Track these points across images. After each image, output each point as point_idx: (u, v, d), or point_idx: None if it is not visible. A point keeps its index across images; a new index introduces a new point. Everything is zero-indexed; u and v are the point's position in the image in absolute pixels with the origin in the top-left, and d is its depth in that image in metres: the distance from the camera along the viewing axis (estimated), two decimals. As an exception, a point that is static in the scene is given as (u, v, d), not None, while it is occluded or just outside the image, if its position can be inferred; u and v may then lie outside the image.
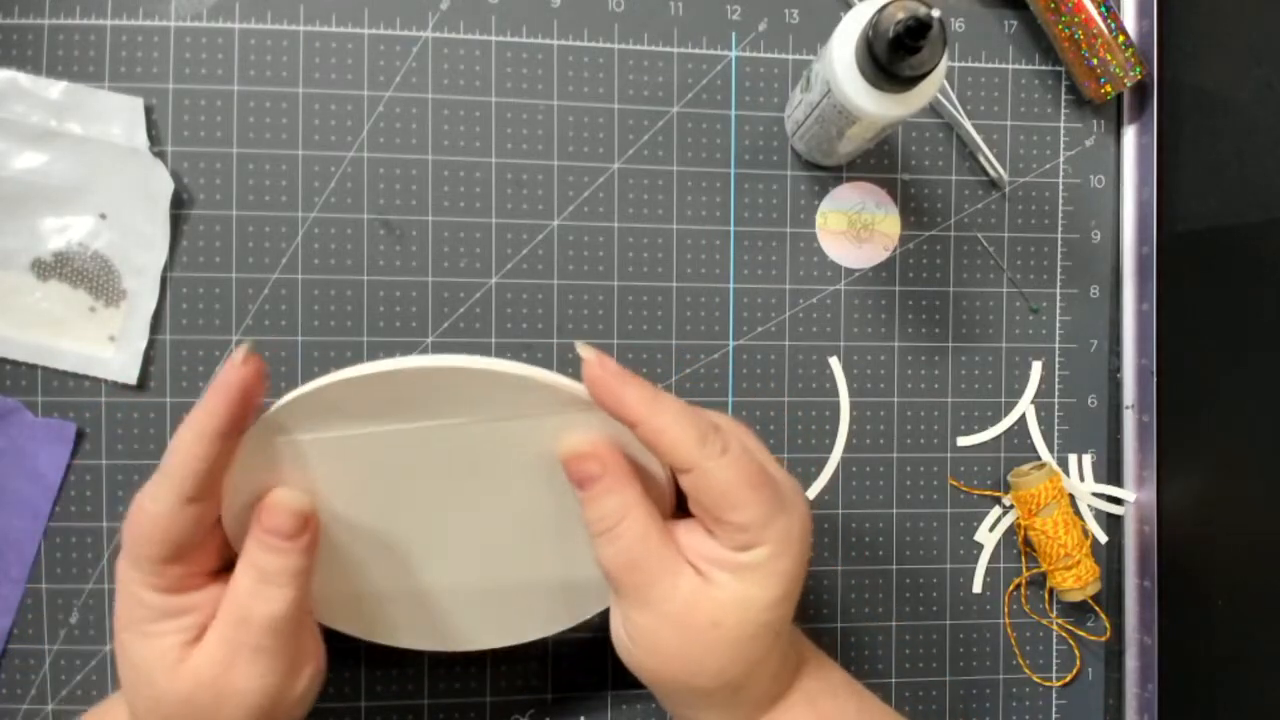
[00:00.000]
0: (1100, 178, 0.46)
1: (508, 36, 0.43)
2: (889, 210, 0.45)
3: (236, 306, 0.41)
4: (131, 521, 0.29)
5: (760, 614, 0.30)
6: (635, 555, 0.30)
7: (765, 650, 0.31)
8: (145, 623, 0.30)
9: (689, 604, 0.30)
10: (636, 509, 0.31)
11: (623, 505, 0.31)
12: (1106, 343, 0.46)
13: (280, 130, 0.41)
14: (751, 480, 0.30)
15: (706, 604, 0.30)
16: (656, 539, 0.30)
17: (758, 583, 0.30)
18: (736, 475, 0.30)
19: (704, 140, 0.44)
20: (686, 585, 0.30)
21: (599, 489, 0.31)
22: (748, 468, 0.30)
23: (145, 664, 0.30)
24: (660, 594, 0.30)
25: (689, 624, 0.30)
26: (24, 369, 0.40)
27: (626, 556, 0.30)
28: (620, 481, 0.31)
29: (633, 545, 0.30)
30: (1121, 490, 0.46)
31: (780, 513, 0.30)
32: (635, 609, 0.31)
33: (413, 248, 0.42)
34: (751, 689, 0.32)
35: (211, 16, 0.41)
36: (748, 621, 0.30)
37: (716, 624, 0.30)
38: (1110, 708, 0.46)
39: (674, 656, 0.31)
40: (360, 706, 0.41)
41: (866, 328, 0.45)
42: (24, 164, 0.39)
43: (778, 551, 0.30)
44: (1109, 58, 0.43)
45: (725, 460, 0.30)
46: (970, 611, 0.45)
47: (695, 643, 0.30)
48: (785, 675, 0.33)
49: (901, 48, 0.32)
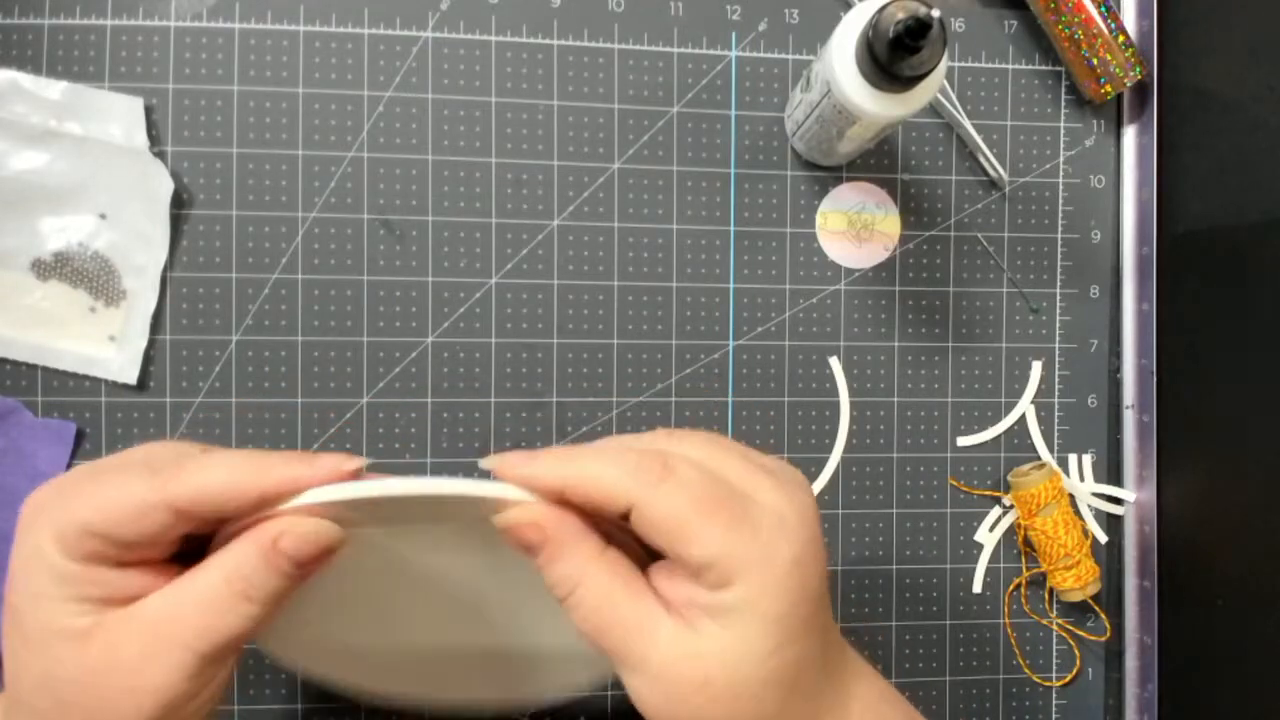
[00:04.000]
0: (1100, 178, 0.46)
1: (508, 36, 0.43)
2: (889, 210, 0.45)
3: (236, 306, 0.41)
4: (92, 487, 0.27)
5: (754, 669, 0.26)
6: (600, 620, 0.27)
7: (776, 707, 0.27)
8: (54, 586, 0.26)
9: (670, 661, 0.26)
10: (591, 568, 0.27)
11: (575, 569, 0.27)
12: (1106, 343, 0.46)
13: (280, 130, 0.41)
14: (701, 505, 0.26)
15: (690, 660, 0.26)
16: (623, 596, 0.27)
17: (743, 630, 0.26)
18: (682, 502, 0.26)
19: (704, 140, 0.44)
20: (666, 640, 0.26)
21: (544, 558, 0.28)
22: (696, 491, 0.26)
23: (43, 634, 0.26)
24: (639, 654, 0.27)
25: (674, 684, 0.26)
26: (24, 369, 0.40)
27: (592, 622, 0.27)
28: (564, 546, 0.27)
29: (596, 609, 0.27)
30: (1121, 490, 0.46)
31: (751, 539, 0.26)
32: (623, 673, 0.28)
33: (413, 248, 0.42)
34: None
35: (211, 16, 0.41)
36: (741, 679, 0.26)
37: (706, 682, 0.26)
38: (1110, 708, 0.46)
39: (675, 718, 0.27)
40: (360, 707, 0.41)
41: (866, 328, 0.45)
42: (24, 164, 0.39)
43: (759, 587, 0.26)
44: (1109, 58, 0.43)
45: (667, 487, 0.26)
46: (970, 611, 0.45)
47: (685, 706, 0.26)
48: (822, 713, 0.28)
49: (901, 48, 0.32)
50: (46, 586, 0.26)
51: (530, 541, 0.27)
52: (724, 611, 0.26)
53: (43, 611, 0.26)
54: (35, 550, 0.26)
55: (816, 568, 0.27)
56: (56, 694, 0.26)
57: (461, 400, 0.42)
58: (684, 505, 0.26)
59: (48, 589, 0.26)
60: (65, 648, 0.26)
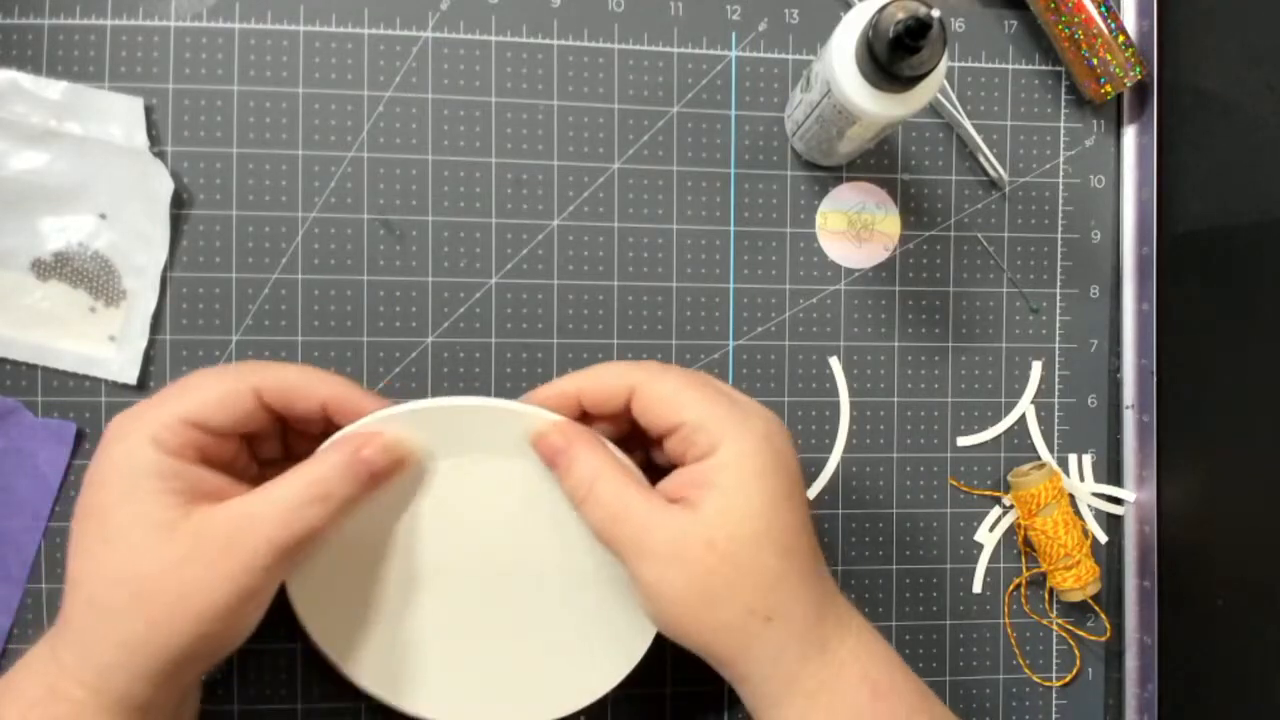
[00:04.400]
0: (1100, 178, 0.46)
1: (508, 36, 0.43)
2: (889, 210, 0.45)
3: (236, 306, 0.41)
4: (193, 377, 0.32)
5: (749, 522, 0.30)
6: (617, 508, 0.31)
7: (778, 568, 0.30)
8: (147, 481, 0.29)
9: (680, 534, 0.30)
10: (607, 468, 0.32)
11: (593, 468, 0.32)
12: (1106, 343, 0.46)
13: (280, 130, 0.41)
14: (693, 383, 0.32)
15: (695, 528, 0.30)
16: (634, 489, 0.31)
17: (734, 490, 0.30)
18: (675, 382, 0.32)
19: (704, 140, 0.44)
20: (671, 520, 0.30)
21: (567, 459, 0.32)
22: (690, 377, 0.32)
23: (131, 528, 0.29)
24: (653, 538, 0.30)
25: (686, 555, 0.30)
26: (24, 369, 0.40)
27: (610, 511, 0.31)
28: (586, 448, 0.32)
29: (612, 500, 0.31)
30: (1121, 490, 0.46)
31: (734, 409, 0.31)
32: (640, 565, 0.31)
33: (413, 248, 0.42)
34: (785, 619, 0.31)
35: (211, 16, 0.41)
36: (740, 535, 0.30)
37: (710, 544, 0.30)
38: (1110, 708, 0.46)
39: (689, 597, 0.30)
40: (360, 707, 0.41)
41: (866, 328, 0.45)
42: (24, 164, 0.39)
43: (744, 450, 0.31)
44: (1109, 58, 0.43)
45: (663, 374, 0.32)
46: (970, 611, 0.45)
47: (698, 572, 0.30)
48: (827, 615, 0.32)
49: (901, 48, 0.32)
50: (140, 481, 0.29)
51: (555, 446, 0.32)
52: (716, 474, 0.30)
53: (134, 506, 0.29)
54: (127, 453, 0.30)
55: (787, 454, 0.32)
56: (135, 587, 0.29)
57: (461, 400, 0.42)
58: (677, 384, 0.32)
59: (141, 484, 0.29)
60: (153, 538, 0.29)
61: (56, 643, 0.30)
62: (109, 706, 0.29)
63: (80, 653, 0.29)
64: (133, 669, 0.29)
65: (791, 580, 0.31)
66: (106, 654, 0.29)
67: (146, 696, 0.30)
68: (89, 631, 0.29)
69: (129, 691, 0.29)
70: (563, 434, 0.33)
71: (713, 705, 0.43)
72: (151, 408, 0.31)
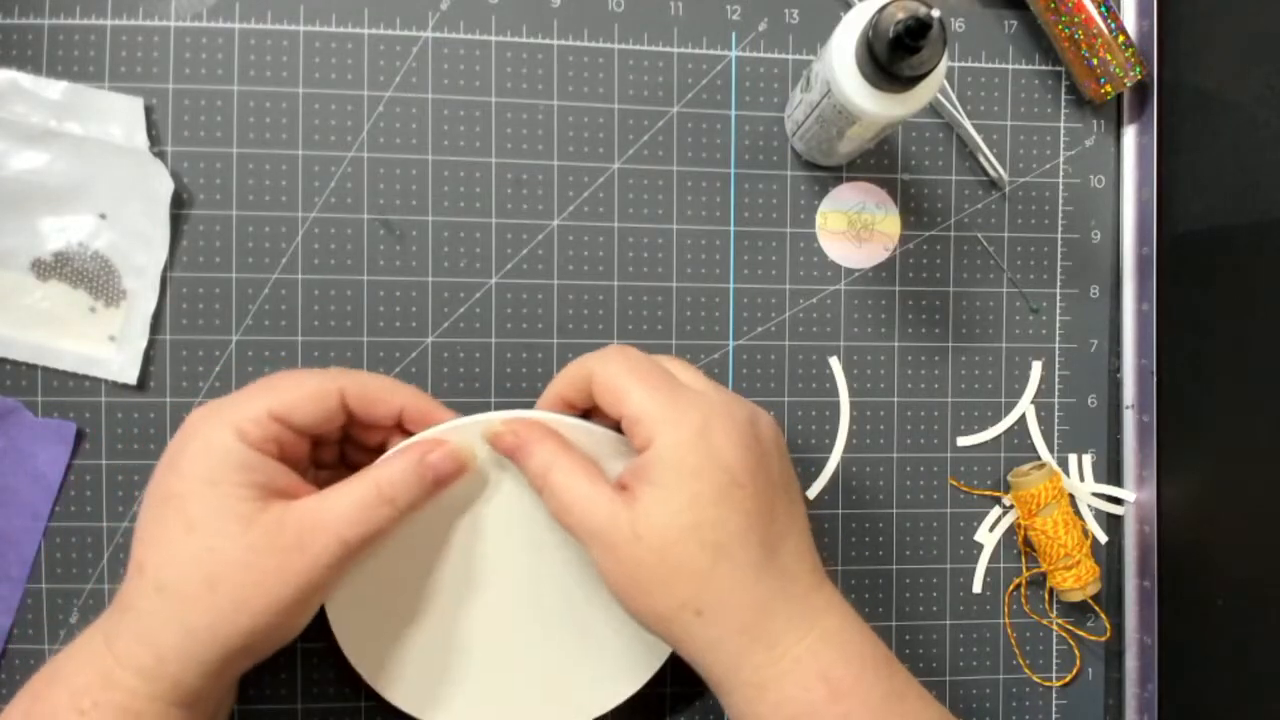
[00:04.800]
0: (1100, 178, 0.46)
1: (508, 36, 0.43)
2: (889, 210, 0.45)
3: (236, 306, 0.41)
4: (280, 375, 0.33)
5: (674, 518, 0.30)
6: (567, 497, 0.32)
7: (706, 565, 0.30)
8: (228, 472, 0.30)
9: (612, 522, 0.31)
10: (559, 458, 0.33)
11: (545, 458, 0.33)
12: (1106, 343, 0.46)
13: (280, 130, 0.41)
14: (635, 373, 0.32)
15: (625, 517, 0.31)
16: (582, 478, 0.32)
17: (662, 485, 0.31)
18: (622, 370, 0.33)
19: (704, 140, 0.44)
20: (612, 509, 0.31)
21: (522, 454, 0.33)
22: (636, 365, 0.33)
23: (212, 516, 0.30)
24: (595, 525, 0.31)
25: (618, 543, 0.31)
26: (24, 369, 0.40)
27: (561, 500, 0.32)
28: (536, 441, 0.33)
29: (562, 489, 0.32)
30: (1121, 490, 0.46)
31: (673, 401, 0.32)
32: (589, 550, 0.32)
33: (413, 248, 0.42)
34: (716, 614, 0.31)
35: (211, 16, 0.41)
36: (664, 528, 0.30)
37: (638, 536, 0.30)
38: (1110, 708, 0.46)
39: (625, 585, 0.31)
40: (360, 707, 0.41)
41: (866, 328, 0.45)
42: (24, 164, 0.39)
43: (679, 443, 0.31)
44: (1109, 58, 0.43)
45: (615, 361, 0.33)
46: (970, 611, 0.45)
47: (629, 563, 0.31)
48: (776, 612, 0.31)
49: (901, 48, 0.32)
50: (222, 473, 0.30)
51: (508, 445, 0.34)
52: (648, 469, 0.31)
53: (215, 494, 0.30)
54: (208, 443, 0.31)
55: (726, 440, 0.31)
56: (209, 572, 0.30)
57: (462, 400, 0.42)
58: (624, 372, 0.33)
59: (224, 475, 0.30)
60: (233, 527, 0.30)
61: (112, 630, 0.31)
62: (161, 695, 0.30)
63: (140, 638, 0.30)
64: (192, 657, 0.30)
65: (723, 577, 0.31)
66: (169, 640, 0.30)
67: (198, 687, 0.30)
68: (153, 617, 0.30)
69: (182, 680, 0.30)
70: (514, 431, 0.34)
71: (713, 705, 0.43)
72: (237, 401, 0.32)
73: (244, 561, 0.30)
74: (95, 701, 0.29)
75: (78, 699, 0.29)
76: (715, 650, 0.31)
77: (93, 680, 0.30)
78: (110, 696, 0.29)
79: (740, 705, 0.32)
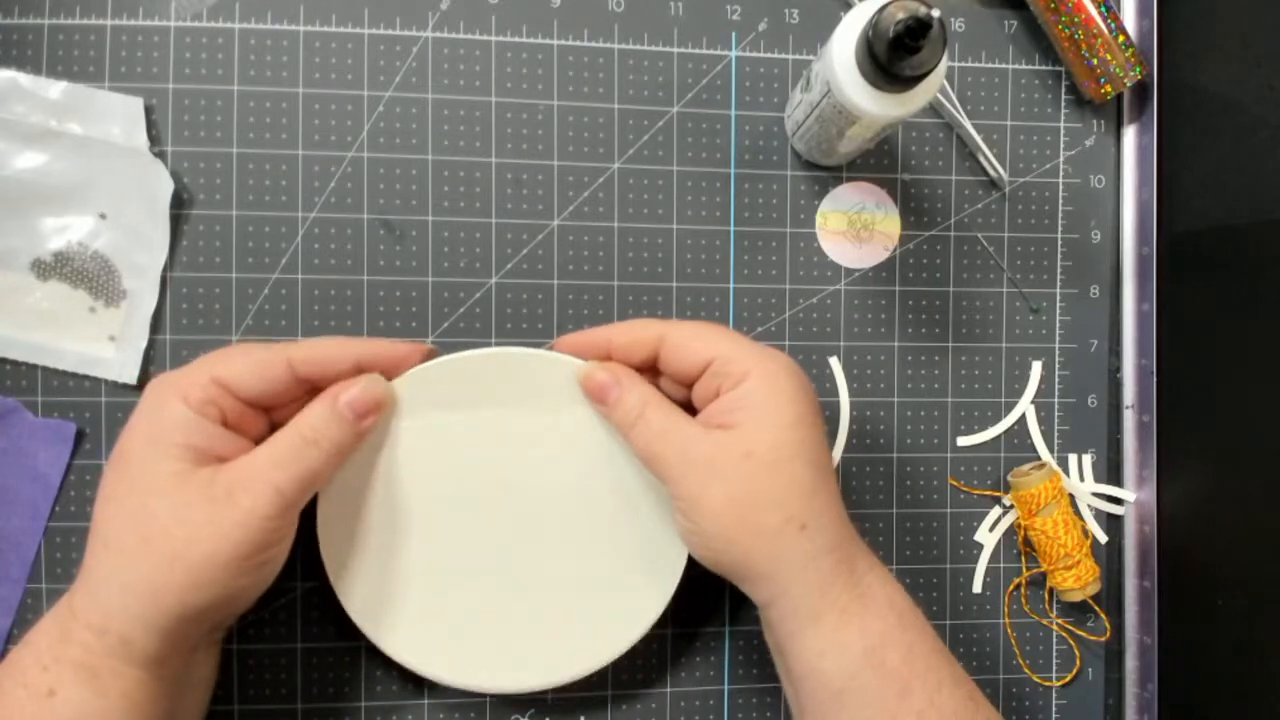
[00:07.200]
0: (1100, 178, 0.46)
1: (508, 36, 0.43)
2: (889, 210, 0.45)
3: (236, 306, 0.41)
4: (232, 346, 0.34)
5: (784, 433, 0.33)
6: (664, 427, 0.34)
7: (813, 479, 0.33)
8: (168, 433, 0.31)
9: (720, 448, 0.33)
10: (653, 397, 0.35)
11: (641, 398, 0.35)
12: (1106, 343, 0.46)
13: (280, 130, 0.41)
14: (715, 328, 0.35)
15: (735, 443, 0.33)
16: (678, 417, 0.34)
17: (769, 407, 0.33)
18: (700, 327, 0.35)
19: (704, 140, 0.44)
20: (712, 439, 0.33)
21: (619, 391, 0.35)
22: (710, 324, 0.36)
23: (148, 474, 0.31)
24: (697, 451, 0.33)
25: (726, 465, 0.32)
26: (24, 369, 0.40)
27: (657, 429, 0.34)
28: (633, 382, 0.35)
29: (660, 421, 0.34)
30: (1121, 490, 0.46)
31: (751, 347, 0.34)
32: (684, 480, 0.33)
33: (413, 248, 0.42)
34: (818, 529, 0.33)
35: (211, 16, 0.41)
36: (775, 444, 0.32)
37: (748, 454, 0.32)
38: (1110, 708, 0.46)
39: (729, 506, 0.32)
40: (360, 707, 0.41)
41: (866, 328, 0.45)
42: (24, 164, 0.39)
43: (774, 374, 0.33)
44: (1109, 58, 0.43)
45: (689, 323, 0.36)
46: (970, 611, 0.45)
47: (738, 480, 0.32)
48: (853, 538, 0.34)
49: (901, 48, 0.32)
50: (162, 433, 0.31)
51: (604, 384, 0.35)
52: (750, 396, 0.33)
53: (153, 453, 0.31)
54: (157, 405, 0.32)
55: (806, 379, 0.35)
56: (144, 528, 0.30)
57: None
58: (701, 328, 0.35)
59: (163, 435, 0.31)
60: (165, 484, 0.31)
61: (75, 590, 0.31)
62: (114, 650, 0.30)
63: (90, 594, 0.31)
64: (134, 613, 0.30)
65: (823, 493, 0.33)
66: (113, 596, 0.30)
67: (149, 647, 0.30)
68: (99, 572, 0.31)
69: (130, 638, 0.30)
70: (610, 372, 0.36)
71: (713, 705, 0.43)
72: (188, 369, 0.33)
73: (177, 518, 0.30)
74: (56, 658, 0.30)
75: (40, 656, 0.30)
76: (810, 567, 0.32)
77: (55, 638, 0.31)
78: (69, 653, 0.30)
79: (824, 634, 0.33)
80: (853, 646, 0.32)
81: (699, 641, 0.43)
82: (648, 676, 0.43)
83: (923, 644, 0.33)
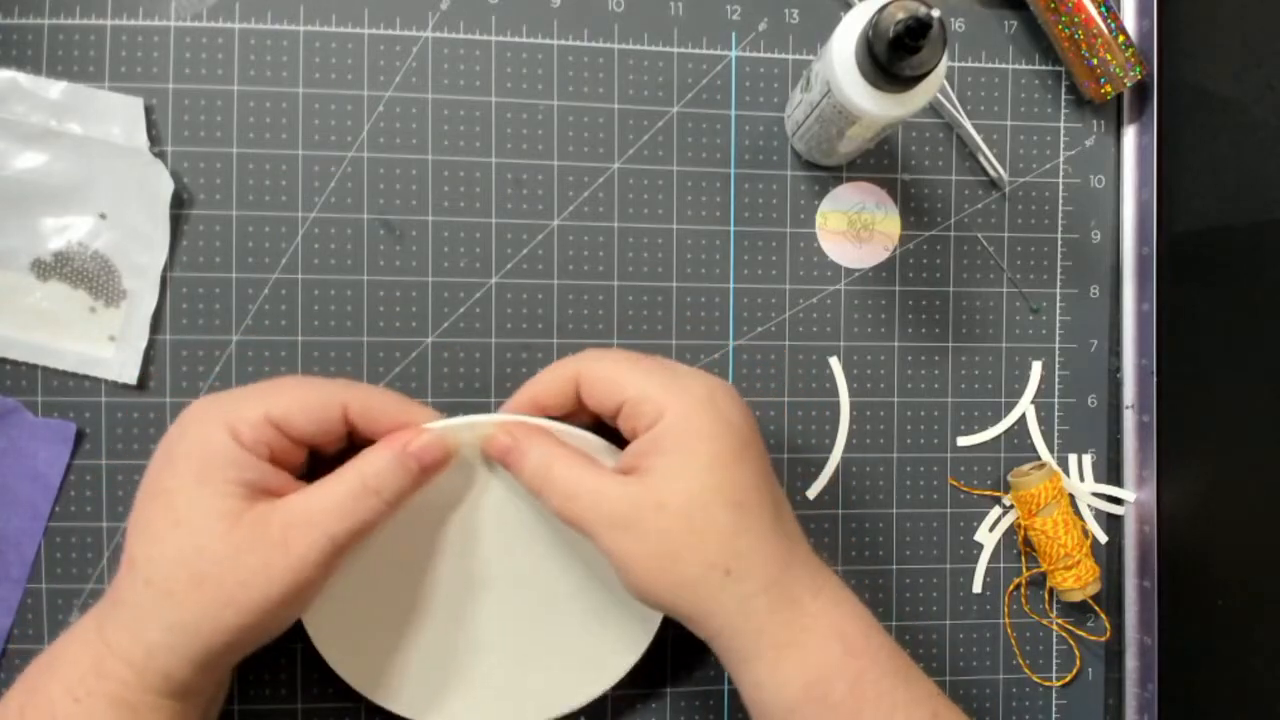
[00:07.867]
0: (1100, 178, 0.46)
1: (508, 36, 0.43)
2: (889, 210, 0.45)
3: (236, 306, 0.41)
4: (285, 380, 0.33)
5: (697, 481, 0.31)
6: (572, 488, 0.32)
7: (732, 522, 0.31)
8: (219, 470, 0.30)
9: (633, 501, 0.31)
10: (557, 452, 0.33)
11: (544, 456, 0.33)
12: (1106, 343, 0.46)
13: (280, 130, 0.41)
14: (631, 360, 0.34)
15: (646, 493, 0.31)
16: (586, 468, 0.32)
17: (681, 452, 0.31)
18: (615, 361, 0.34)
19: (704, 140, 0.44)
20: (626, 488, 0.31)
21: (518, 453, 0.33)
22: (628, 355, 0.34)
23: (199, 513, 0.30)
24: (608, 508, 0.31)
25: (639, 521, 0.31)
26: (24, 369, 0.40)
27: (565, 491, 0.32)
28: (533, 440, 0.33)
29: (566, 481, 0.32)
30: (1121, 490, 0.46)
31: (674, 378, 0.33)
32: (601, 537, 0.32)
33: (413, 248, 0.42)
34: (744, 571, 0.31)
35: (211, 16, 0.41)
36: (688, 492, 0.31)
37: (660, 506, 0.31)
38: (1110, 708, 0.46)
39: (648, 560, 0.31)
40: (360, 707, 0.41)
41: (866, 328, 0.45)
42: (24, 164, 0.39)
43: (687, 413, 0.32)
44: (1109, 58, 0.43)
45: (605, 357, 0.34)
46: (970, 611, 0.45)
47: (653, 534, 0.31)
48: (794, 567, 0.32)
49: (901, 48, 0.32)
50: (212, 470, 0.30)
51: (504, 445, 0.34)
52: (660, 441, 0.32)
53: (204, 491, 0.30)
54: (203, 439, 0.31)
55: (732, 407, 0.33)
56: (196, 569, 0.30)
57: (461, 400, 0.42)
58: (615, 363, 0.33)
59: (213, 472, 0.30)
60: (218, 525, 0.30)
61: (105, 620, 0.31)
62: (152, 686, 0.30)
63: (130, 632, 0.30)
64: (180, 652, 0.30)
65: (747, 534, 0.31)
66: (157, 634, 0.30)
67: (189, 680, 0.30)
68: (142, 610, 0.30)
69: (172, 674, 0.30)
70: (508, 433, 0.34)
71: (713, 705, 0.43)
72: (236, 399, 0.32)
73: (230, 559, 0.30)
74: (89, 691, 0.30)
75: (72, 689, 0.30)
76: (743, 610, 0.31)
77: (86, 671, 0.30)
78: (103, 686, 0.30)
79: (763, 671, 0.32)
80: (792, 682, 0.31)
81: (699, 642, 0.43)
82: (648, 677, 0.43)
83: (873, 670, 0.32)
